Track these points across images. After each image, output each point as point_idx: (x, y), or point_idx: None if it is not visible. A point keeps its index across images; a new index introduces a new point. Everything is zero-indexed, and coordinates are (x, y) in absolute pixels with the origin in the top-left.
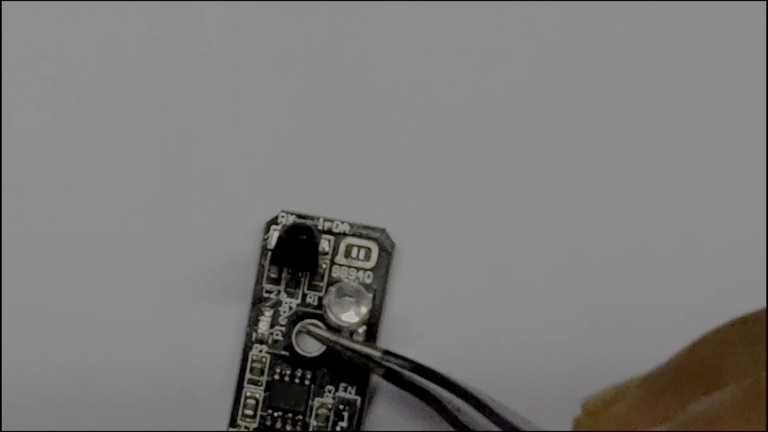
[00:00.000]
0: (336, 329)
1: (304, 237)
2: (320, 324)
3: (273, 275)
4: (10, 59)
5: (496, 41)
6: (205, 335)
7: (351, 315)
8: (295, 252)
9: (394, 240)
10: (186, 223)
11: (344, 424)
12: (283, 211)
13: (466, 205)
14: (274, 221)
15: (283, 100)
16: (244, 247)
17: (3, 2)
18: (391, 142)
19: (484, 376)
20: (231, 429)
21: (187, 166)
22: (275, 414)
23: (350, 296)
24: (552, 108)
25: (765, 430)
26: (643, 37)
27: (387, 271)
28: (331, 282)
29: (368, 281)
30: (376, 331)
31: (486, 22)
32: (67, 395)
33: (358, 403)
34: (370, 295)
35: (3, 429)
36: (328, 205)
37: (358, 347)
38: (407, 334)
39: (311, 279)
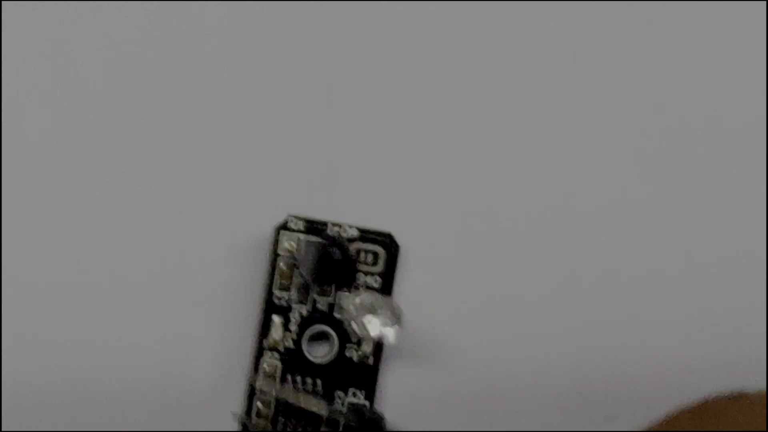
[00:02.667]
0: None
1: (339, 255)
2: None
3: (284, 282)
4: (10, 59)
5: (498, 43)
6: (215, 343)
7: (379, 328)
8: (334, 270)
9: (400, 244)
10: (195, 228)
11: None
12: (291, 216)
13: (472, 209)
14: (283, 226)
15: (289, 105)
16: (254, 253)
17: (3, 2)
18: (397, 146)
19: (490, 378)
20: None
21: (195, 172)
22: (286, 421)
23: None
24: (557, 111)
25: None
26: (643, 37)
27: (393, 276)
28: (340, 287)
29: (375, 285)
30: None
31: (487, 23)
32: (67, 396)
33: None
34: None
35: (3, 429)
36: (335, 209)
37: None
38: (413, 338)
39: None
